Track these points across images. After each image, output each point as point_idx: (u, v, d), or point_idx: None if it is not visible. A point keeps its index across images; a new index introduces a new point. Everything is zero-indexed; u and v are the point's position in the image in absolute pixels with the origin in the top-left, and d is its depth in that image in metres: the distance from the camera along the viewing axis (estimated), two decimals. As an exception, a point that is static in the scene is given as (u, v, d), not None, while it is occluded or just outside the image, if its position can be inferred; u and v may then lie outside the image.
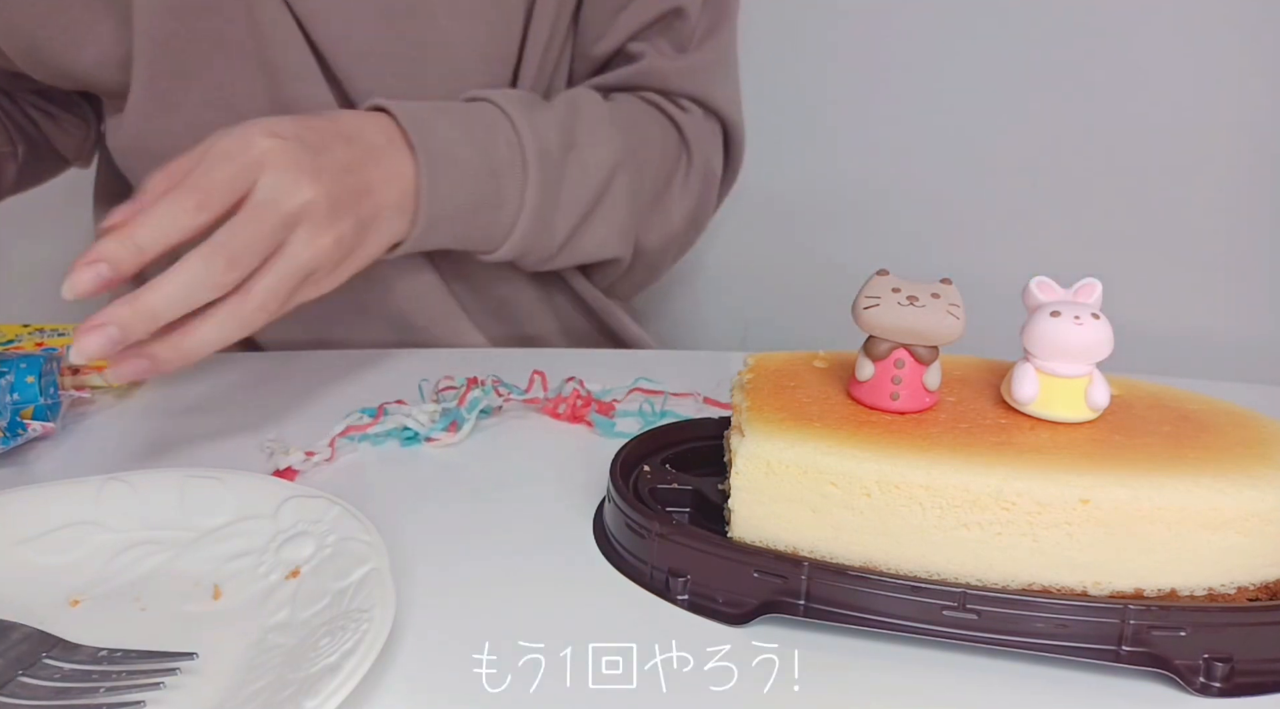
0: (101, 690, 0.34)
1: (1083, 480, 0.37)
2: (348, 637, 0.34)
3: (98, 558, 0.42)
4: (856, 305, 0.41)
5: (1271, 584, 0.39)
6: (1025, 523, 0.38)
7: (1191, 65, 0.87)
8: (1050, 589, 0.38)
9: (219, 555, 0.42)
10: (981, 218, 0.94)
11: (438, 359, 0.66)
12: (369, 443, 0.54)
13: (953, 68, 0.91)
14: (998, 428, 0.40)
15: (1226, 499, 0.37)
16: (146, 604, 0.40)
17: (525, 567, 0.43)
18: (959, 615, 0.37)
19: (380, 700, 0.35)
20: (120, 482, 0.44)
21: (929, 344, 0.41)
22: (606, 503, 0.45)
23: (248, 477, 0.45)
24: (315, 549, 0.41)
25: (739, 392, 0.44)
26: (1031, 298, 0.41)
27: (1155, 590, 0.38)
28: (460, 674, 0.36)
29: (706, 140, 0.76)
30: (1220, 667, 0.36)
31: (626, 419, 0.56)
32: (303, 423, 0.56)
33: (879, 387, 0.41)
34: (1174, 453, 0.39)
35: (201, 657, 0.36)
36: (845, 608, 0.38)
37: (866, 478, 0.38)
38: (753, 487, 0.40)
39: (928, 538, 0.38)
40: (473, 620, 0.39)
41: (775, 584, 0.39)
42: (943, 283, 0.41)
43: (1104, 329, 0.40)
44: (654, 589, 0.41)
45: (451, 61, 0.67)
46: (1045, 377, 0.40)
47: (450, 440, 0.54)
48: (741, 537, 0.41)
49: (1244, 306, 0.91)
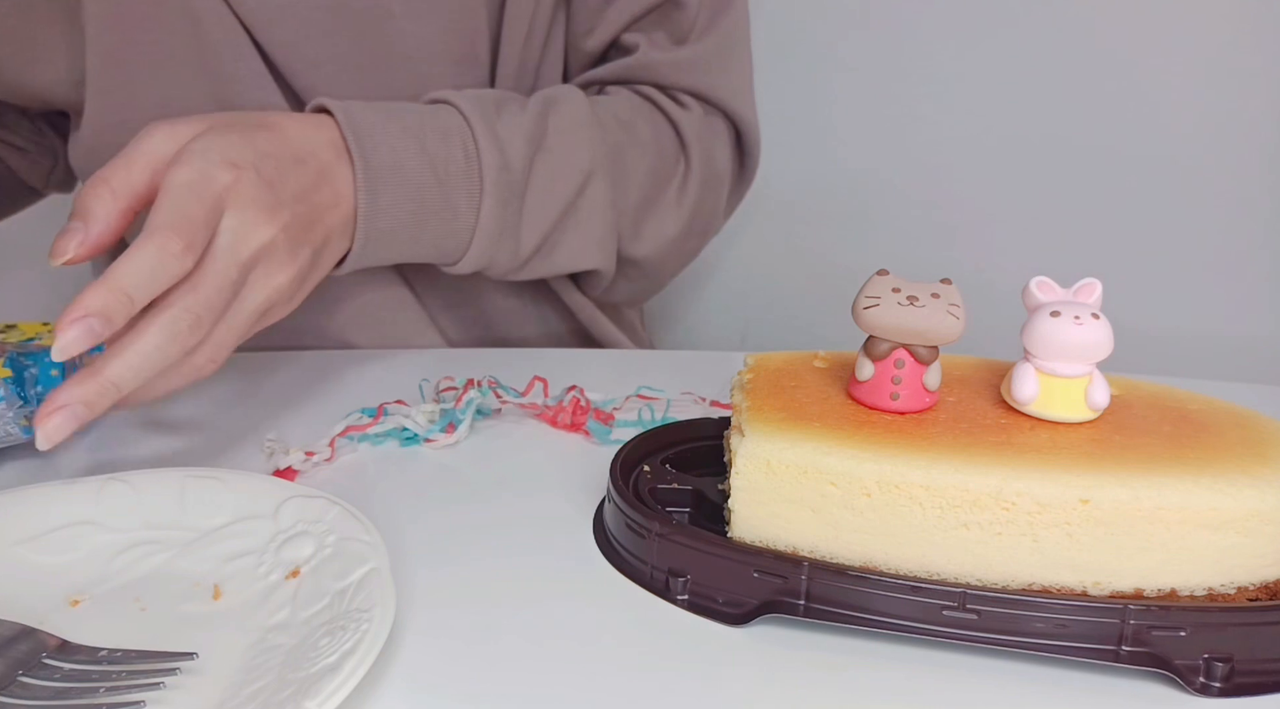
0: (101, 690, 0.34)
1: (1083, 480, 0.37)
2: (348, 637, 0.34)
3: (98, 558, 0.42)
4: (856, 305, 0.41)
5: (1271, 584, 0.39)
6: (1025, 523, 0.38)
7: (1192, 65, 0.87)
8: (1050, 589, 0.38)
9: (219, 555, 0.42)
10: (981, 218, 0.94)
11: (439, 359, 0.66)
12: (369, 443, 0.54)
13: (952, 68, 0.91)
14: (998, 428, 0.40)
15: (1226, 499, 0.37)
16: (146, 604, 0.40)
17: (525, 566, 0.43)
18: (959, 615, 0.37)
19: (380, 700, 0.35)
20: (120, 481, 0.44)
21: (929, 344, 0.41)
22: (606, 503, 0.45)
23: (248, 477, 0.45)
24: (315, 549, 0.41)
25: (739, 391, 0.44)
26: (1031, 298, 0.41)
27: (1155, 590, 0.38)
28: (460, 674, 0.36)
29: (709, 139, 0.72)
30: (1220, 666, 0.36)
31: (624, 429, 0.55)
32: (302, 423, 0.56)
33: (879, 386, 0.41)
34: (1174, 453, 0.39)
35: (201, 657, 0.36)
36: (845, 608, 0.38)
37: (866, 478, 0.38)
38: (753, 487, 0.40)
39: (928, 538, 0.38)
40: (473, 620, 0.39)
41: (775, 584, 0.39)
42: (943, 283, 0.41)
43: (1104, 329, 0.40)
44: (654, 589, 0.41)
45: (414, 65, 0.64)
46: (1045, 377, 0.40)
47: (447, 441, 0.54)
48: (741, 537, 0.41)
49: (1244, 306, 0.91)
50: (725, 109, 0.72)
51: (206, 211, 0.46)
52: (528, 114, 0.63)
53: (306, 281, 0.53)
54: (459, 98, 0.61)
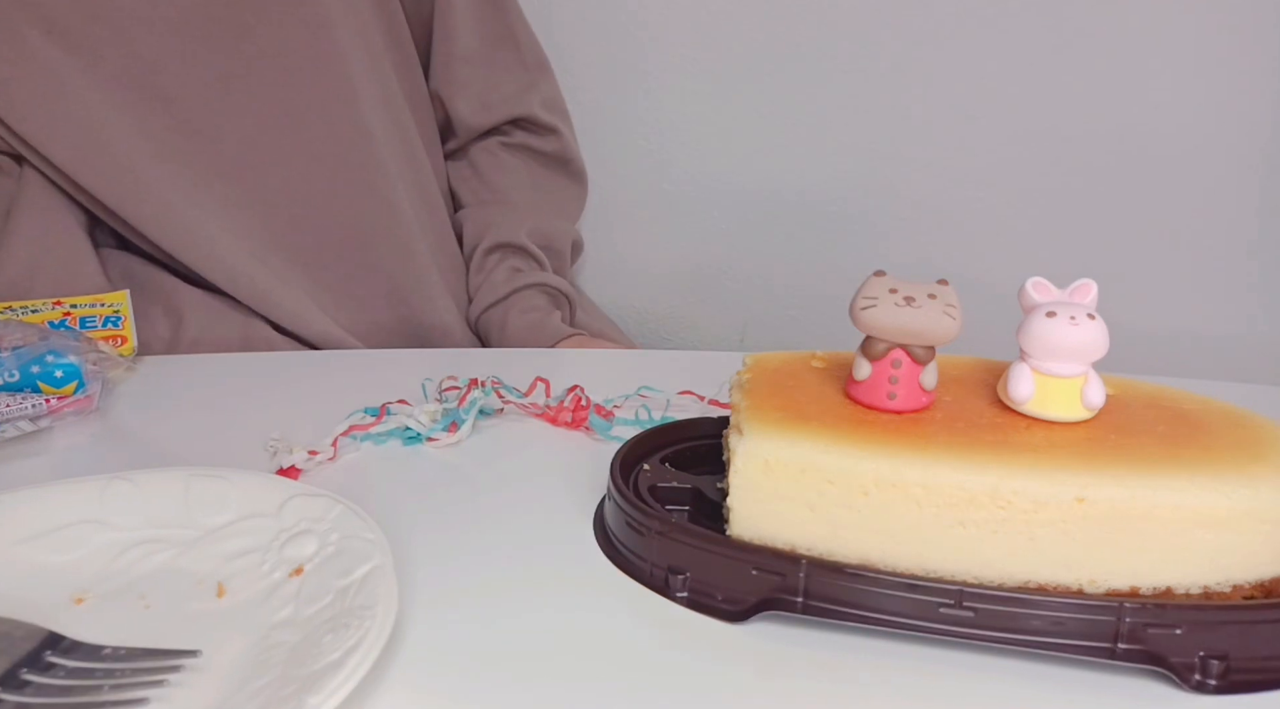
0: (106, 688, 0.34)
1: (1079, 479, 0.38)
2: (351, 634, 0.35)
3: (102, 556, 0.42)
4: (854, 306, 0.41)
5: (1267, 582, 0.39)
6: (1021, 521, 0.38)
7: (1187, 66, 0.87)
8: (1046, 587, 0.38)
9: (223, 553, 0.42)
10: (978, 219, 0.94)
11: (440, 359, 0.66)
12: (372, 442, 0.54)
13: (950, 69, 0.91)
14: (994, 427, 0.41)
15: (1222, 498, 0.37)
16: (151, 602, 0.40)
17: (526, 564, 0.43)
18: (955, 613, 0.37)
19: (383, 697, 0.35)
20: (124, 480, 0.44)
21: (925, 344, 0.41)
22: (607, 501, 0.45)
23: (251, 475, 0.45)
24: (318, 547, 0.41)
25: (738, 391, 0.44)
26: (1027, 298, 0.42)
27: (1151, 588, 0.38)
28: (462, 671, 0.37)
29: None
30: (1216, 664, 0.36)
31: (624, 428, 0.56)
32: (306, 422, 0.56)
33: (876, 386, 0.41)
34: (1170, 452, 0.39)
35: (205, 654, 0.36)
36: (843, 605, 0.38)
37: (864, 476, 0.39)
38: (751, 485, 0.40)
39: (924, 536, 0.39)
40: (474, 617, 0.40)
41: (774, 581, 0.39)
42: (939, 283, 0.41)
43: (1099, 329, 0.40)
44: (654, 586, 0.41)
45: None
46: (1041, 376, 0.41)
47: (450, 440, 0.54)
48: (740, 534, 0.41)
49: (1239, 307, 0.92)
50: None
51: None
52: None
53: None
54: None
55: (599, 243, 0.98)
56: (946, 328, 0.40)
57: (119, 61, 0.69)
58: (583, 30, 0.95)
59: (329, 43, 0.73)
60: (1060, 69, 0.89)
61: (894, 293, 0.40)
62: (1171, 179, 0.90)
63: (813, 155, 0.96)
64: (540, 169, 0.89)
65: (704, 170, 0.97)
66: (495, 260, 0.83)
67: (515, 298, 0.80)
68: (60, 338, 0.57)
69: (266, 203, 0.74)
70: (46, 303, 0.64)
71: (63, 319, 0.63)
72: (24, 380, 0.55)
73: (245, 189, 0.73)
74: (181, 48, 0.70)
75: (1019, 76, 0.90)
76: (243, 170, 0.73)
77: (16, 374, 0.55)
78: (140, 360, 0.64)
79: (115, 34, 0.69)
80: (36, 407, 0.53)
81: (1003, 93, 0.91)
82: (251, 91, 0.72)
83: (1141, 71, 0.88)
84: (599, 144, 0.95)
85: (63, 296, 0.65)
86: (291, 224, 0.75)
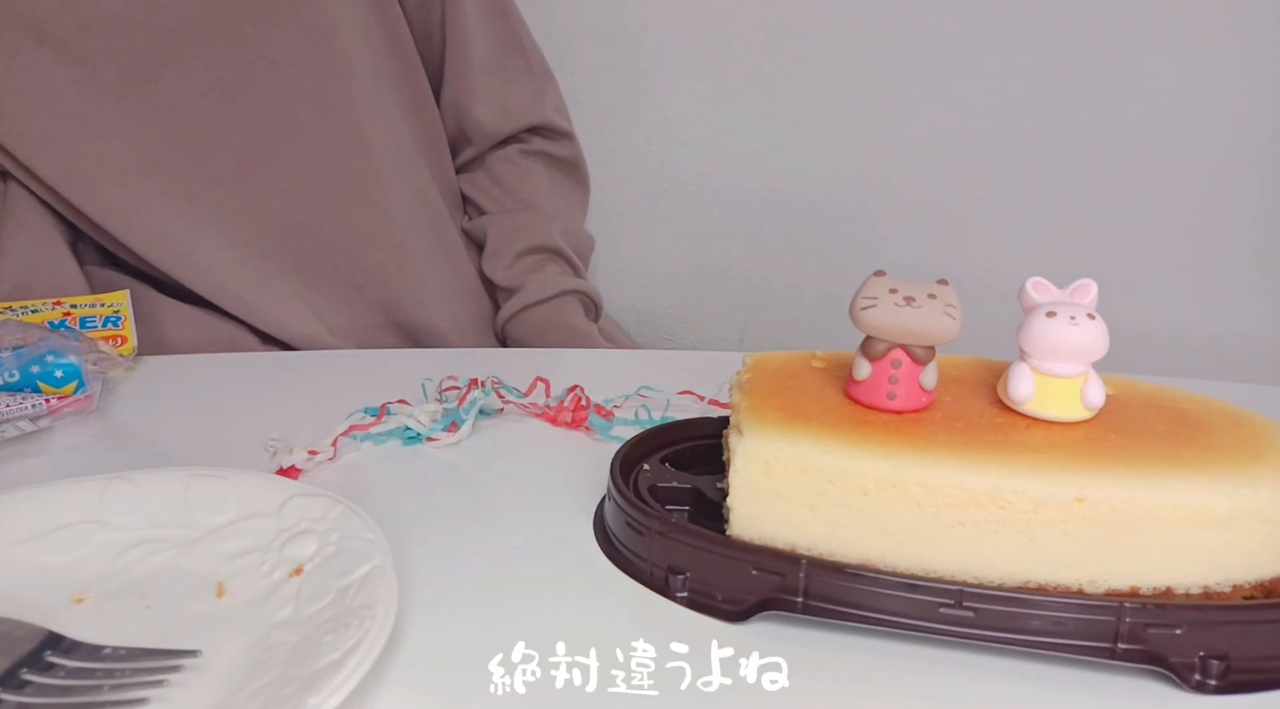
0: (106, 688, 0.34)
1: (1079, 479, 0.38)
2: (351, 634, 0.35)
3: (102, 556, 0.42)
4: (854, 306, 0.41)
5: (1267, 582, 0.39)
6: (1021, 521, 0.38)
7: (1187, 66, 0.87)
8: (1046, 587, 0.39)
9: (223, 553, 0.42)
10: (978, 219, 0.94)
11: (440, 359, 0.66)
12: (372, 442, 0.54)
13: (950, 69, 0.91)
14: (994, 427, 0.41)
15: (1222, 498, 0.37)
16: (151, 602, 0.40)
17: (526, 563, 0.43)
18: (955, 613, 0.37)
19: (383, 697, 0.35)
20: (124, 480, 0.44)
21: (925, 344, 0.41)
22: (607, 501, 0.46)
23: (251, 475, 0.45)
24: (318, 547, 0.41)
25: (738, 391, 0.44)
26: (1027, 298, 0.42)
27: (1151, 588, 0.38)
28: (462, 671, 0.37)
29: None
30: (1216, 664, 0.36)
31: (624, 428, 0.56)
32: (306, 422, 0.56)
33: (876, 386, 0.41)
34: (1170, 452, 0.39)
35: (205, 654, 0.36)
36: (843, 605, 0.38)
37: (864, 476, 0.39)
38: (751, 485, 0.40)
39: (924, 536, 0.39)
40: (474, 617, 0.40)
41: (773, 581, 0.39)
42: (939, 283, 0.41)
43: (1099, 329, 0.40)
44: (654, 586, 0.41)
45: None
46: (1041, 376, 0.41)
47: (450, 440, 0.54)
48: (740, 534, 0.41)
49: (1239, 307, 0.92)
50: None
51: None
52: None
53: None
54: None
55: (599, 243, 0.98)
56: (946, 328, 0.40)
57: (114, 72, 0.68)
58: (583, 31, 0.95)
59: (327, 50, 0.73)
60: (1060, 69, 0.89)
61: (894, 293, 0.41)
62: (1171, 179, 0.90)
63: (813, 155, 0.96)
64: (557, 175, 0.89)
65: (704, 170, 0.97)
66: (532, 263, 0.82)
67: (558, 301, 0.81)
68: (60, 338, 0.57)
69: (262, 211, 0.73)
70: (46, 303, 0.64)
71: (63, 319, 0.63)
72: (24, 380, 0.55)
73: (240, 198, 0.73)
74: (178, 57, 0.69)
75: (1019, 76, 0.90)
76: (239, 179, 0.72)
77: (16, 374, 0.55)
78: (140, 360, 0.64)
79: (110, 44, 0.68)
80: (36, 407, 0.53)
81: (1003, 93, 0.91)
82: (249, 100, 0.72)
83: (1141, 71, 0.88)
84: (599, 144, 0.95)
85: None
86: (287, 232, 0.74)
